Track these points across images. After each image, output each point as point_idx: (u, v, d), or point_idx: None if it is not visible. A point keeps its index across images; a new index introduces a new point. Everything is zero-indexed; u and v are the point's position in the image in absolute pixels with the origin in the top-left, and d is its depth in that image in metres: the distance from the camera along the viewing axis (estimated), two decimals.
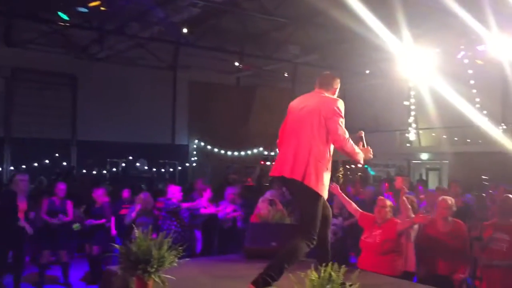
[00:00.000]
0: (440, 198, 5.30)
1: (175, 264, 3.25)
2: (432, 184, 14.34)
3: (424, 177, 15.33)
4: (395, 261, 4.80)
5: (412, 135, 15.84)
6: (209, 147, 16.53)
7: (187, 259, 3.44)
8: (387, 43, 10.63)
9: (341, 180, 12.97)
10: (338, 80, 3.88)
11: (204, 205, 7.66)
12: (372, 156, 3.79)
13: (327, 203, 3.83)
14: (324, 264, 2.79)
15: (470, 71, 13.17)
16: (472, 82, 13.32)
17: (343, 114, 3.57)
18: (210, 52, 14.44)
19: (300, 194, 3.56)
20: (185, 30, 12.20)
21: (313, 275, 2.66)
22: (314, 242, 3.47)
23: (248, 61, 15.26)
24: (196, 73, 16.11)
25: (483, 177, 11.40)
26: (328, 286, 2.61)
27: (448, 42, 11.85)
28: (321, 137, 3.53)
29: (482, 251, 4.98)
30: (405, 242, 4.95)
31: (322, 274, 2.66)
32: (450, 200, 5.15)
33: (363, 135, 3.88)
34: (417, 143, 16.04)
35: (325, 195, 3.58)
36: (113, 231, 7.72)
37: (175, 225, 6.96)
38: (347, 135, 3.54)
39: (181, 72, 16.19)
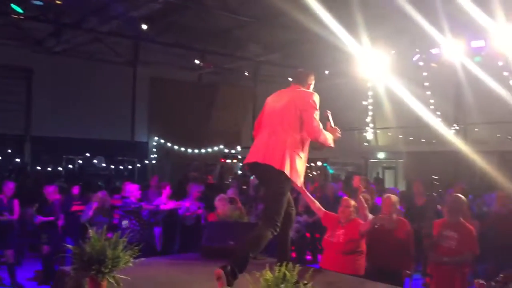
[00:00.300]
0: (385, 196, 5.49)
1: (131, 264, 3.21)
2: (389, 183, 14.75)
3: (380, 176, 15.72)
4: (358, 261, 4.89)
5: (369, 135, 16.19)
6: (169, 144, 16.34)
7: (143, 258, 3.39)
8: (346, 44, 10.86)
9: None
10: (313, 76, 4.03)
11: (163, 201, 7.61)
12: (340, 136, 3.97)
13: (292, 201, 3.91)
14: (280, 264, 2.81)
15: (425, 74, 13.59)
16: (426, 84, 13.75)
17: (318, 107, 3.73)
18: (172, 48, 14.28)
19: (271, 180, 3.65)
20: (144, 26, 12.01)
21: (268, 274, 2.68)
22: (278, 230, 3.53)
23: (210, 59, 15.18)
24: (157, 69, 15.89)
25: (434, 177, 11.79)
26: (282, 285, 2.64)
27: (403, 45, 12.21)
28: (295, 128, 3.69)
29: (432, 248, 5.16)
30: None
31: (276, 274, 2.68)
32: (394, 197, 5.32)
33: (329, 114, 4.01)
34: (374, 142, 16.41)
35: (298, 182, 3.72)
36: (59, 231, 7.55)
37: (133, 224, 6.85)
38: (321, 126, 3.71)
39: (142, 68, 15.93)
